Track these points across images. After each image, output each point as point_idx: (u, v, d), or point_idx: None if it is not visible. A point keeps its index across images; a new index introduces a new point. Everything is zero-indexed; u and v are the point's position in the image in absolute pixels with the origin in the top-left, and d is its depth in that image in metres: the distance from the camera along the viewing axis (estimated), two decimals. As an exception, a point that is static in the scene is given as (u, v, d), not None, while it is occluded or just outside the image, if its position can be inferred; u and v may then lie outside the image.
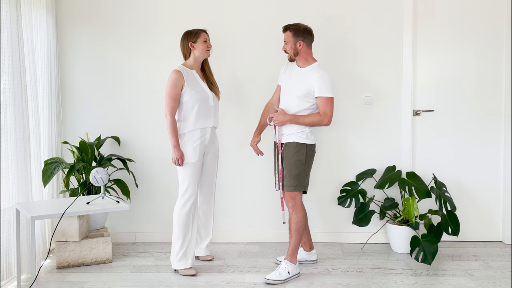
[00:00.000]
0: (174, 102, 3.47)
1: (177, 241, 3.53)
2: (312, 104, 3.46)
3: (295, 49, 3.47)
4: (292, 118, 3.43)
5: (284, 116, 3.44)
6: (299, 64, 3.54)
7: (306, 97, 3.45)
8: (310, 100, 3.45)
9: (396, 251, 4.03)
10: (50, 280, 3.48)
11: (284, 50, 3.52)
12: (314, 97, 3.44)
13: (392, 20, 4.14)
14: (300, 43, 3.45)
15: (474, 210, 4.25)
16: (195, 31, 3.56)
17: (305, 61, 3.51)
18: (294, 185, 3.46)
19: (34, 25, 3.77)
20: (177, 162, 3.49)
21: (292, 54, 3.49)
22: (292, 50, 3.47)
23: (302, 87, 3.44)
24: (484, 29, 4.14)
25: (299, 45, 3.46)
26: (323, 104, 3.42)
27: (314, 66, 3.49)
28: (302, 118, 3.43)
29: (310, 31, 3.50)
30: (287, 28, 3.48)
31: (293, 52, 3.48)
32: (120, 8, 4.19)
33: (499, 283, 3.38)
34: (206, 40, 3.56)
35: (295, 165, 3.46)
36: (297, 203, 3.48)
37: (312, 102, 3.46)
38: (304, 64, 3.51)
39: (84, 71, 4.24)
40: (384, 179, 4.01)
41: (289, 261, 3.46)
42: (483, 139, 4.21)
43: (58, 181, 4.07)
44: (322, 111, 3.42)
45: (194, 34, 3.54)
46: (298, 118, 3.43)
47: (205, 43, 3.55)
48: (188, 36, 3.56)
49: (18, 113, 3.35)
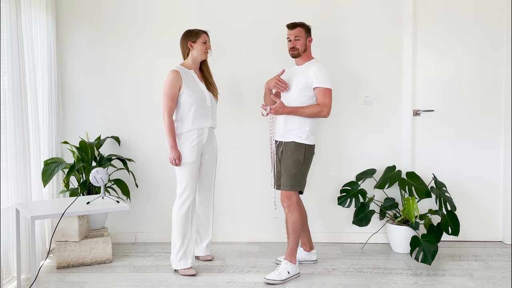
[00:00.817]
0: (171, 102, 3.47)
1: (177, 241, 3.53)
2: (311, 97, 3.48)
3: (305, 45, 3.52)
4: (292, 110, 3.44)
5: (284, 108, 3.44)
6: (298, 63, 3.58)
7: (304, 90, 3.46)
8: (308, 93, 3.46)
9: (396, 251, 4.03)
10: (50, 280, 3.48)
11: (294, 46, 3.51)
12: (312, 88, 3.45)
13: (392, 20, 4.14)
14: (309, 39, 3.54)
15: (474, 210, 4.25)
16: (195, 31, 3.56)
17: (307, 58, 3.56)
18: (291, 184, 3.46)
19: (34, 25, 3.77)
20: (174, 162, 3.49)
21: (302, 50, 3.52)
22: (303, 46, 3.51)
23: (301, 81, 3.47)
24: (484, 29, 4.14)
25: (308, 42, 3.53)
26: (321, 94, 3.43)
27: (311, 62, 3.55)
28: (302, 109, 3.43)
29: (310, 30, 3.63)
30: (297, 25, 3.51)
31: (303, 48, 3.51)
32: (120, 8, 4.20)
33: (499, 283, 3.38)
34: (206, 42, 3.55)
35: (292, 165, 3.46)
36: (292, 203, 3.48)
37: (311, 95, 3.47)
38: (303, 62, 3.56)
39: (84, 71, 4.24)
40: (384, 179, 4.01)
41: (289, 261, 3.46)
42: (483, 139, 4.21)
43: (58, 181, 4.07)
44: (321, 102, 3.43)
45: (194, 34, 3.54)
46: (298, 109, 3.44)
47: (204, 44, 3.54)
48: (188, 36, 3.56)
49: (17, 113, 3.35)
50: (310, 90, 3.47)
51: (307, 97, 3.47)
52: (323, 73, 3.44)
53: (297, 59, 3.57)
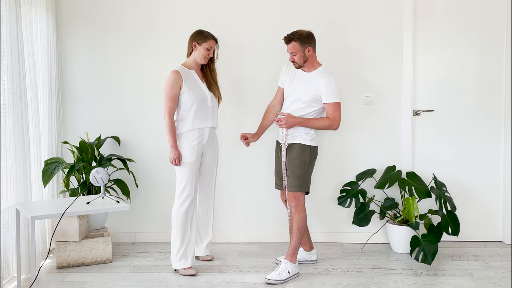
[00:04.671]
0: (172, 102, 3.47)
1: (176, 241, 3.53)
2: (318, 108, 3.47)
3: (305, 57, 3.45)
4: (302, 121, 3.42)
5: (294, 119, 3.42)
6: (304, 69, 3.52)
7: (313, 103, 3.45)
8: (316, 105, 3.46)
9: (396, 251, 4.03)
10: (50, 280, 3.48)
11: (292, 60, 3.47)
12: (321, 102, 3.44)
13: (392, 20, 4.14)
14: (308, 50, 3.44)
15: (474, 210, 4.25)
16: (205, 34, 3.52)
17: (312, 66, 3.50)
18: (298, 185, 3.47)
19: (34, 25, 3.77)
20: (174, 162, 3.49)
21: (302, 63, 3.46)
22: (302, 59, 3.44)
23: (309, 93, 3.44)
24: (484, 29, 4.14)
25: (307, 52, 3.44)
26: (331, 110, 3.42)
27: (319, 71, 3.48)
28: (312, 121, 3.43)
29: (313, 35, 3.49)
30: (291, 39, 3.42)
31: (302, 61, 3.45)
32: (120, 8, 4.19)
33: (499, 283, 3.38)
34: (210, 49, 3.52)
35: (299, 166, 3.46)
36: (299, 203, 3.49)
37: (318, 107, 3.46)
38: (309, 69, 3.50)
39: (84, 71, 4.24)
40: (384, 179, 4.01)
41: (289, 260, 3.47)
42: (483, 139, 4.21)
43: (58, 181, 4.07)
44: (331, 116, 3.43)
45: (203, 37, 3.52)
46: (308, 121, 3.43)
47: (208, 50, 3.51)
48: (197, 36, 3.53)
49: (17, 113, 3.35)
50: (318, 103, 3.44)
51: (314, 108, 3.46)
52: (332, 87, 3.40)
53: (304, 67, 3.51)
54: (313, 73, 3.48)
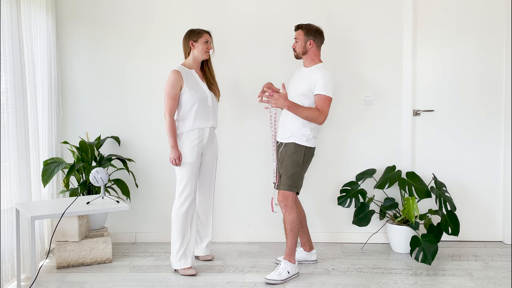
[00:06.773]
0: (173, 102, 3.48)
1: (176, 241, 3.54)
2: (311, 103, 3.46)
3: (304, 48, 3.48)
4: (292, 105, 3.41)
5: (285, 100, 3.42)
6: (305, 64, 3.56)
7: (306, 95, 3.44)
8: (309, 97, 3.45)
9: (396, 251, 4.03)
10: (50, 280, 3.48)
11: (294, 47, 3.53)
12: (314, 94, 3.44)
13: (392, 20, 4.14)
14: (310, 43, 3.47)
15: (474, 210, 4.25)
16: (198, 31, 3.55)
17: (312, 61, 3.52)
18: (288, 184, 3.46)
19: (34, 25, 3.77)
20: (174, 162, 3.49)
21: (300, 52, 3.50)
22: (301, 48, 3.48)
23: (304, 85, 3.45)
24: (483, 30, 4.14)
25: (309, 44, 3.48)
26: (321, 101, 3.40)
27: (318, 66, 3.51)
28: (301, 108, 3.40)
29: (321, 32, 3.53)
30: (300, 27, 3.50)
31: (301, 51, 3.49)
32: (120, 8, 4.19)
33: (499, 283, 3.38)
34: (207, 41, 3.55)
35: (291, 165, 3.46)
36: (289, 203, 3.48)
37: (311, 101, 3.45)
38: (309, 64, 3.53)
39: (84, 71, 4.24)
40: (384, 179, 4.01)
41: (288, 260, 3.47)
42: (483, 139, 4.21)
43: (58, 181, 4.07)
44: (320, 107, 3.40)
45: (196, 33, 3.54)
46: (297, 107, 3.40)
47: (206, 44, 3.54)
48: (191, 35, 3.56)
49: (17, 113, 3.35)
50: (311, 95, 3.44)
51: (307, 101, 3.44)
52: (327, 80, 3.39)
53: (304, 61, 3.54)
54: (311, 68, 3.51)
